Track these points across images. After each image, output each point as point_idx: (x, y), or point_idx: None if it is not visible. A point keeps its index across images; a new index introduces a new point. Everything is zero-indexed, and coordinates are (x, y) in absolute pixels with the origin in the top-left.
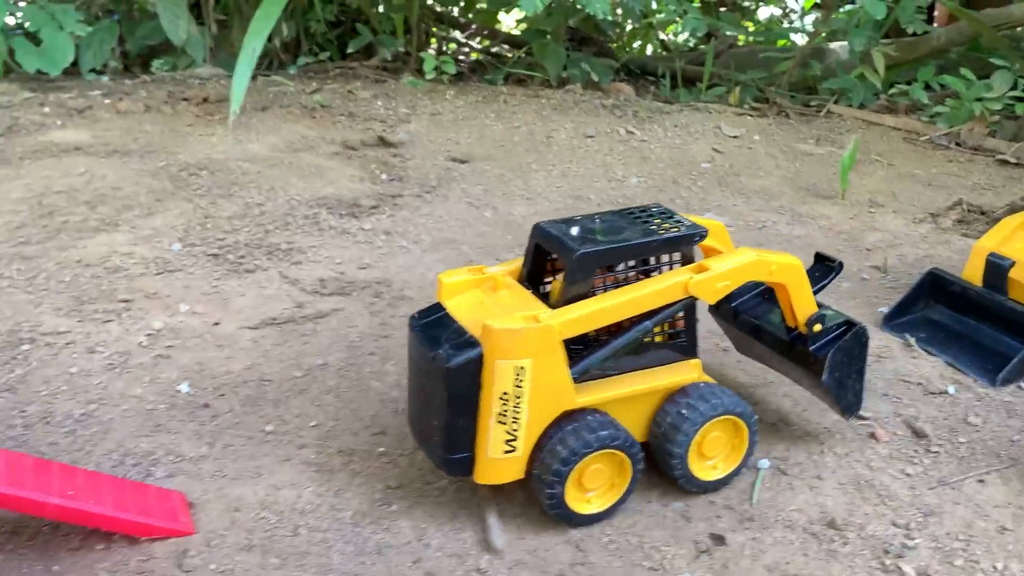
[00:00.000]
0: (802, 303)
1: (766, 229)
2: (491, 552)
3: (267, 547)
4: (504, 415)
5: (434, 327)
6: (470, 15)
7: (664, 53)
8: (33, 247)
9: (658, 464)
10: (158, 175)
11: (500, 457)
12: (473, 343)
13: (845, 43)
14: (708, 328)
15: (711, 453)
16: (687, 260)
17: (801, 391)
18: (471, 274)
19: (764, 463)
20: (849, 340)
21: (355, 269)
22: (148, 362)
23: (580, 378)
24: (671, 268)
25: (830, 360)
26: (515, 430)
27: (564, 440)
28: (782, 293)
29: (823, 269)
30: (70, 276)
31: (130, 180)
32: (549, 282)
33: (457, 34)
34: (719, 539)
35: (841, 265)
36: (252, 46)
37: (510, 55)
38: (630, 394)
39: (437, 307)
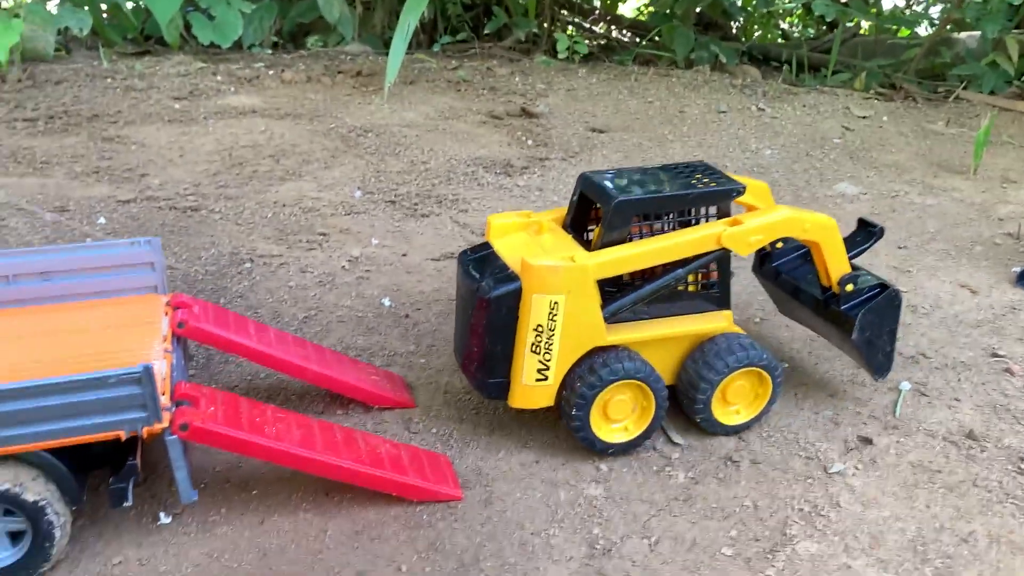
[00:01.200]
0: (835, 262)
1: (898, 198)
2: (673, 444)
3: (475, 420)
4: (537, 345)
5: (481, 262)
6: (594, 2)
7: (784, 41)
8: (233, 190)
9: (682, 406)
10: (329, 135)
11: (533, 384)
12: (513, 277)
13: (974, 32)
14: None
15: (734, 400)
16: (724, 214)
17: (939, 330)
18: (519, 218)
19: (905, 385)
20: (881, 301)
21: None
22: (352, 281)
23: (612, 318)
24: (707, 221)
25: (860, 319)
26: (547, 360)
27: (592, 369)
28: (816, 251)
29: (865, 234)
30: (271, 213)
31: (305, 139)
32: (592, 229)
33: (577, 19)
34: (866, 440)
35: (882, 230)
36: (407, 21)
37: (629, 41)
38: (660, 337)
39: (486, 245)
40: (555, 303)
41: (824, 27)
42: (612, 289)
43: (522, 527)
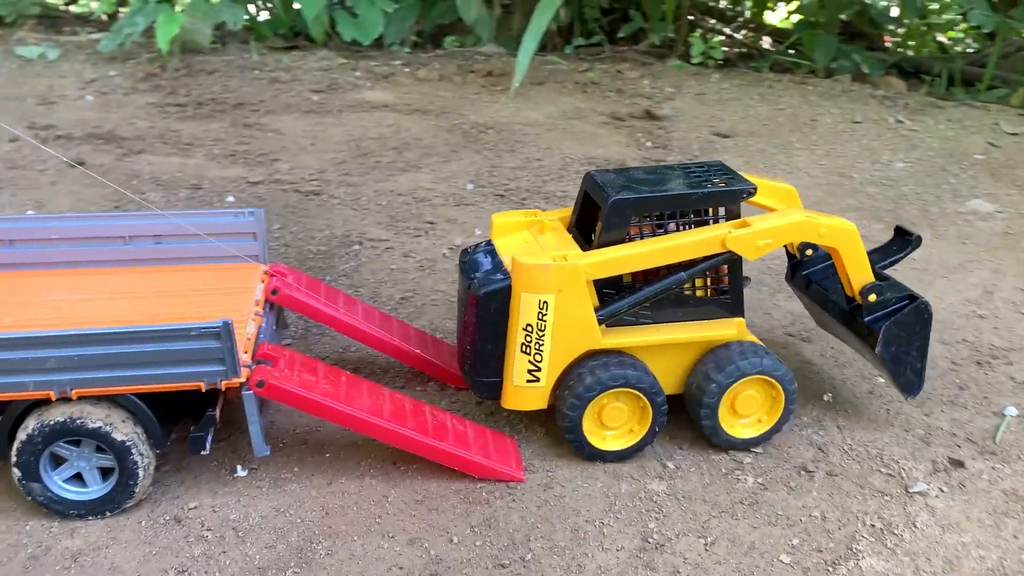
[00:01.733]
0: (857, 271)
1: None
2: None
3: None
4: (528, 346)
5: (477, 260)
6: (738, 7)
7: (941, 55)
8: (355, 178)
9: (689, 415)
10: (452, 131)
11: (524, 385)
12: (505, 275)
13: None
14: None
15: (744, 411)
16: (733, 216)
17: None
18: (524, 216)
19: (1012, 410)
20: (908, 314)
21: None
22: (450, 268)
23: (609, 321)
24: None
25: (884, 332)
26: (538, 361)
27: (585, 374)
28: (837, 259)
29: (901, 242)
30: (385, 201)
31: (429, 133)
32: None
33: (719, 25)
34: (957, 463)
35: (919, 239)
36: (539, 23)
37: (771, 48)
38: (664, 343)
39: (487, 243)
40: (544, 303)
41: (988, 40)
42: (611, 291)
43: (577, 513)
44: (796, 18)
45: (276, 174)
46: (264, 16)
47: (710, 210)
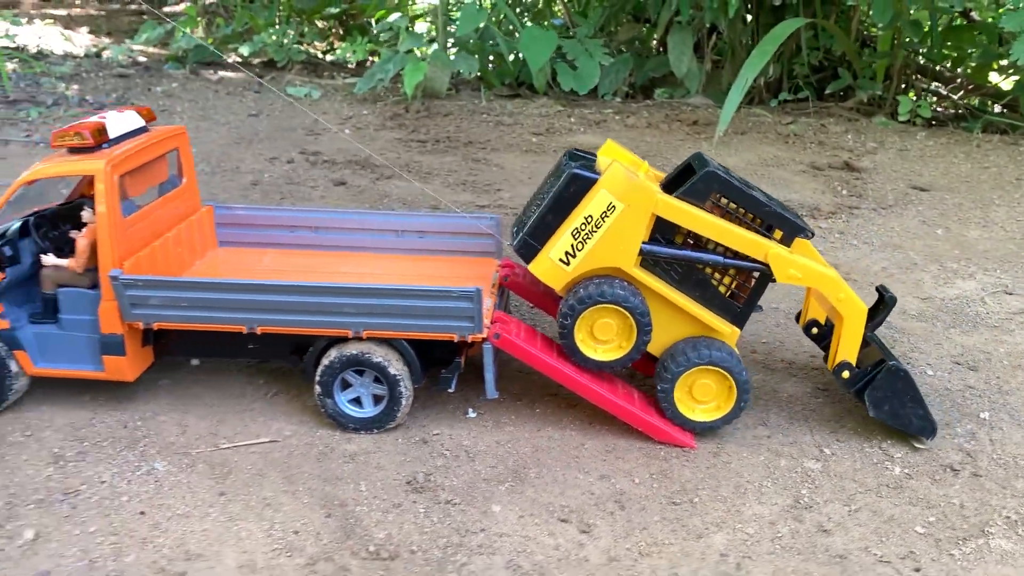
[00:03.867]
0: (846, 346)
1: None
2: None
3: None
4: (579, 232)
5: (580, 159)
6: (958, 69)
7: None
8: None
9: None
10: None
11: (555, 260)
12: (596, 173)
13: None
14: None
15: (701, 397)
16: (785, 244)
17: None
18: (631, 155)
19: None
20: (881, 380)
21: None
22: None
23: (647, 258)
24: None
25: (869, 399)
26: (578, 249)
27: (591, 286)
28: (837, 328)
29: (882, 305)
30: None
31: None
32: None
33: (933, 84)
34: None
35: (893, 299)
36: (746, 76)
37: (984, 109)
38: (671, 301)
39: (592, 154)
40: (612, 206)
41: None
42: (662, 239)
43: (740, 475)
44: (1015, 79)
45: (499, 200)
46: (492, 67)
47: (772, 228)
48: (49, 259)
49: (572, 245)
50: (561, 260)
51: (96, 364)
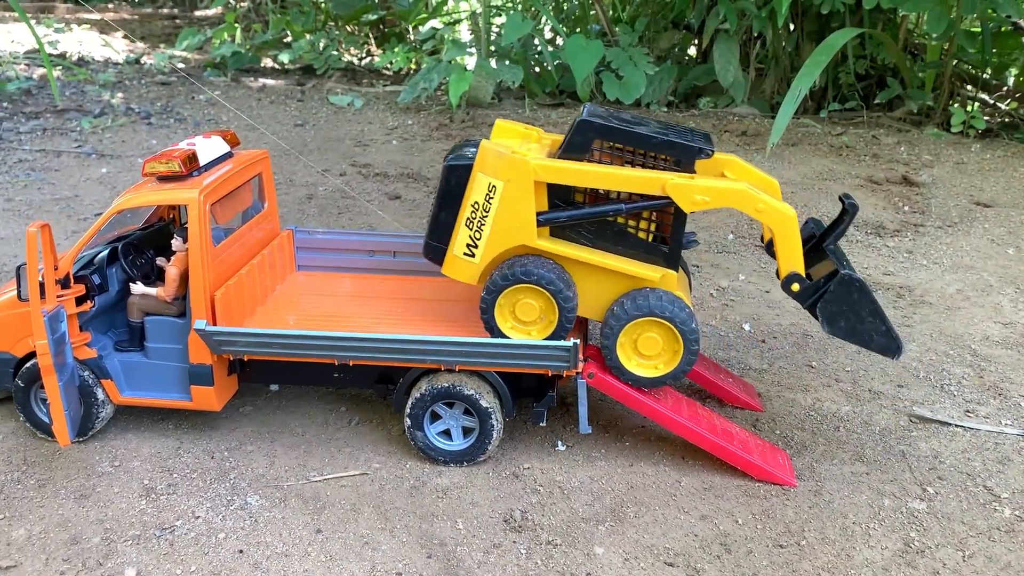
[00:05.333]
0: (786, 257)
1: None
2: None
3: (815, 430)
4: (472, 221)
5: (462, 146)
6: (1004, 76)
7: None
8: None
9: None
10: None
11: (460, 257)
12: (474, 157)
13: None
14: None
15: (646, 351)
16: (687, 172)
17: None
18: (523, 128)
19: None
20: (834, 291)
21: (880, 274)
22: (717, 307)
23: (548, 226)
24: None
25: (821, 313)
26: (477, 239)
27: (512, 265)
28: (774, 240)
29: (843, 212)
30: None
31: None
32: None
33: (981, 94)
34: None
35: (853, 205)
36: (799, 86)
37: None
38: (591, 263)
39: (478, 140)
40: (493, 186)
41: None
42: (561, 203)
43: (845, 516)
44: None
45: None
46: (535, 75)
47: (668, 159)
48: (138, 288)
49: (471, 236)
50: (466, 254)
51: (184, 393)
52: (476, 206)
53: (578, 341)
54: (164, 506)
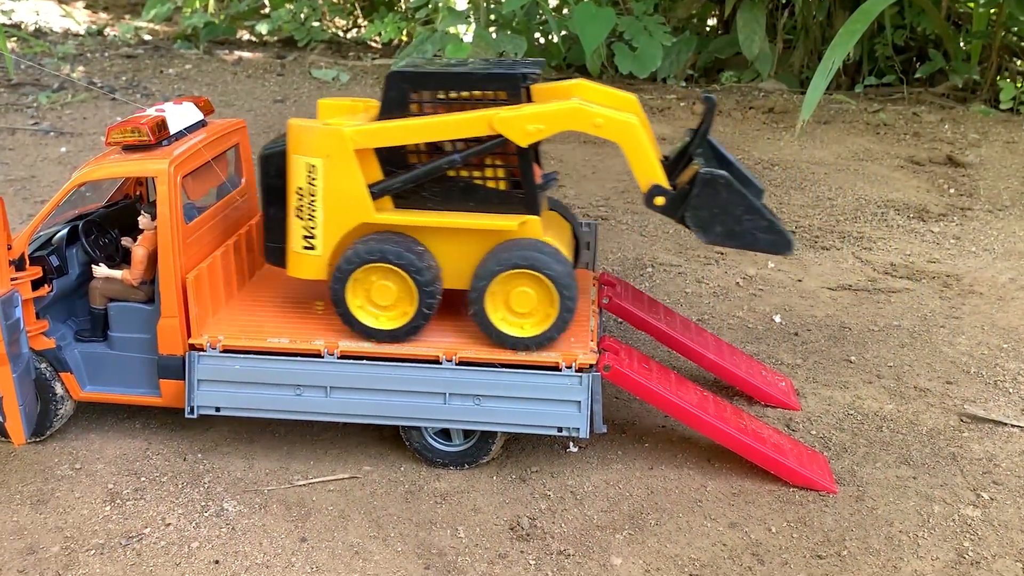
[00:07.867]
0: (640, 168)
1: None
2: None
3: (855, 431)
4: (301, 210)
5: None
6: None
7: None
8: (639, 206)
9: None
10: None
11: (301, 252)
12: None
13: None
14: None
15: (520, 308)
16: (518, 101)
17: None
18: (349, 102)
19: None
20: (698, 194)
21: (924, 262)
22: (745, 296)
23: (384, 195)
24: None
25: (693, 221)
26: (312, 228)
27: (355, 246)
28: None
29: (705, 110)
30: (672, 229)
31: None
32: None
33: None
34: None
35: (711, 99)
36: (832, 59)
37: None
38: (445, 227)
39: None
40: (312, 166)
41: None
42: (394, 169)
43: (890, 524)
44: None
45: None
46: (539, 47)
47: (497, 95)
48: (101, 270)
49: (305, 227)
50: (306, 248)
51: (152, 389)
52: (301, 192)
53: (593, 375)
54: (131, 512)
